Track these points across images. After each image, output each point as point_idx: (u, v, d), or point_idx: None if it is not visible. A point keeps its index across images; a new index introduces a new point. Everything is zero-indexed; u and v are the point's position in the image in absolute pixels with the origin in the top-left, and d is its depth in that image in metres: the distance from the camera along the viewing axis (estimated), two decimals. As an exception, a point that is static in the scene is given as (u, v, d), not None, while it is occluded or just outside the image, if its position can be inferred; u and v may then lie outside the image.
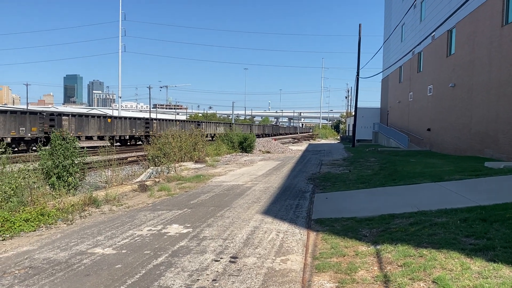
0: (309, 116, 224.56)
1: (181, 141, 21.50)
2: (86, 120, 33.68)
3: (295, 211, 8.91)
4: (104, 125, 35.53)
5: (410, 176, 13.01)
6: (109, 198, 10.20)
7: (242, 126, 66.84)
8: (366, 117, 50.94)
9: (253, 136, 33.78)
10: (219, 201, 10.20)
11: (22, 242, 6.68)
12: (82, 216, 8.61)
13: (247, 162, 22.44)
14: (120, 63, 64.91)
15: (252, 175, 15.67)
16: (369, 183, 12.39)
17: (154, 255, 5.87)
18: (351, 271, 5.06)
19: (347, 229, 7.03)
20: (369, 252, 5.77)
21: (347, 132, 73.85)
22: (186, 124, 49.26)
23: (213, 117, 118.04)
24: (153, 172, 16.48)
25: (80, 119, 33.01)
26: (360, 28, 38.28)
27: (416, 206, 8.26)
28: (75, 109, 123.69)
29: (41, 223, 7.73)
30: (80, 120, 32.97)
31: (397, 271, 4.89)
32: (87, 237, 6.87)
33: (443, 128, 26.35)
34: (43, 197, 8.83)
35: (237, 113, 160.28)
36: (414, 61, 33.73)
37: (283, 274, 5.08)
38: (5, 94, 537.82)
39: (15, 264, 5.58)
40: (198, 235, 6.91)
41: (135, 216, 8.50)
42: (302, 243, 6.42)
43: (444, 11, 24.16)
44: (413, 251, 5.46)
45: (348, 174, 15.06)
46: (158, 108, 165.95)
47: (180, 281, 4.85)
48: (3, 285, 4.81)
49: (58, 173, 10.90)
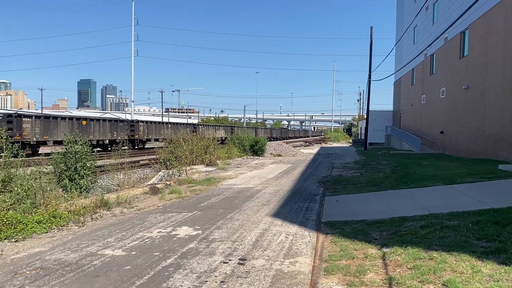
0: (321, 120, 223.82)
1: (192, 144, 21.60)
2: (54, 123, 29.77)
3: (305, 213, 8.88)
4: (77, 128, 31.04)
5: (422, 179, 12.88)
6: (120, 201, 10.28)
7: (247, 129, 62.54)
8: (378, 120, 50.58)
9: (264, 140, 33.79)
10: (229, 203, 10.22)
11: (34, 244, 6.76)
12: (94, 218, 8.69)
13: (258, 165, 22.44)
14: (132, 67, 65.54)
15: (263, 178, 15.66)
16: (381, 186, 12.29)
17: (163, 256, 5.90)
18: (360, 274, 5.03)
19: (357, 232, 6.98)
20: (378, 254, 5.72)
21: (359, 135, 73.44)
22: (180, 127, 46.01)
23: (225, 121, 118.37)
24: (165, 175, 16.58)
25: (46, 122, 29.09)
26: (371, 31, 38.12)
27: (428, 209, 8.18)
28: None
29: (53, 225, 7.82)
30: (46, 123, 28.99)
31: (406, 274, 4.84)
32: (97, 239, 6.93)
33: (456, 130, 26.05)
34: (55, 199, 8.94)
35: (248, 117, 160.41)
36: (427, 63, 33.44)
37: (291, 276, 5.06)
38: (21, 98, 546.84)
39: (26, 265, 5.65)
40: (208, 237, 6.93)
41: (146, 218, 8.55)
42: (311, 245, 6.40)
43: (457, 13, 23.93)
44: (423, 254, 5.40)
45: (359, 177, 14.96)
46: (170, 112, 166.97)
47: (188, 283, 4.86)
48: (15, 286, 4.87)
49: (70, 176, 11.04)
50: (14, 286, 4.86)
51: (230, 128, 59.12)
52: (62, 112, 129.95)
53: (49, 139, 29.14)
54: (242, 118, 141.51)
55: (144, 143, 41.51)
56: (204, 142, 23.03)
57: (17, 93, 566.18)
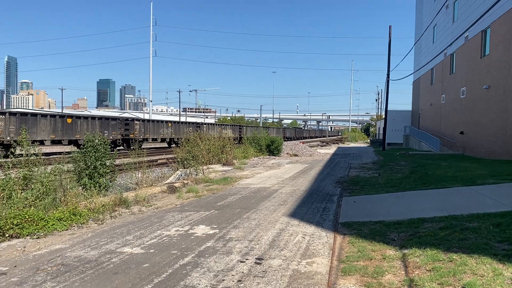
0: (338, 119, 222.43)
1: (209, 143, 21.72)
2: (33, 120, 26.45)
3: (322, 214, 8.85)
4: (61, 127, 28.32)
5: (442, 180, 12.70)
6: (139, 199, 10.41)
7: (257, 128, 57.78)
8: (396, 120, 49.97)
9: (280, 139, 33.76)
10: (246, 203, 10.24)
11: (55, 240, 6.90)
12: (112, 216, 8.81)
13: (274, 165, 22.43)
14: (151, 67, 66.18)
15: (279, 178, 15.65)
16: (399, 187, 12.16)
17: (181, 255, 5.95)
18: (378, 275, 4.98)
19: (375, 233, 6.92)
20: (397, 256, 5.67)
21: (377, 136, 72.74)
22: (182, 126, 43.42)
23: (241, 120, 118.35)
24: (182, 174, 16.71)
25: (23, 119, 25.74)
26: (390, 30, 37.70)
27: (447, 210, 8.06)
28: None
29: (73, 223, 7.96)
30: (23, 120, 25.64)
31: (425, 276, 4.78)
32: (116, 237, 7.03)
33: (477, 131, 25.57)
34: (75, 197, 9.09)
35: (265, 116, 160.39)
36: (446, 62, 32.92)
37: (308, 276, 5.05)
38: (42, 98, 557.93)
39: (48, 261, 5.77)
40: (224, 236, 6.96)
41: (164, 217, 8.64)
42: (329, 246, 6.37)
43: (478, 11, 23.49)
44: (442, 256, 5.33)
45: (377, 178, 14.82)
46: (188, 112, 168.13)
47: (205, 281, 4.89)
48: (37, 281, 4.98)
49: (90, 174, 11.21)
50: (37, 282, 4.97)
51: (238, 127, 54.80)
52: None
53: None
54: (259, 118, 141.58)
55: (141, 143, 36.95)
56: (221, 142, 23.13)
57: (38, 92, 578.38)
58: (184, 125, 44.72)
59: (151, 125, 38.91)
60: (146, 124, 38.11)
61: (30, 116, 26.54)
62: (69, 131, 28.93)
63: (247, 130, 54.71)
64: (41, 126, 27.07)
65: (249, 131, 54.46)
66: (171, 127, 41.69)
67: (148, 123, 38.75)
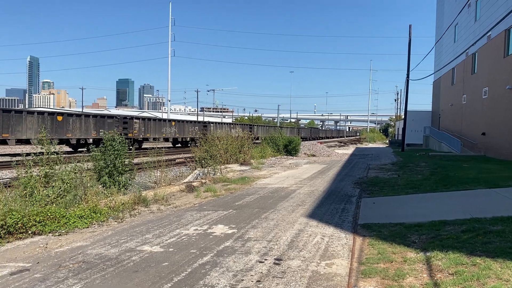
0: (356, 119, 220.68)
1: (227, 143, 21.77)
2: (18, 118, 24.89)
3: (340, 215, 8.77)
4: (50, 125, 26.63)
5: (463, 181, 12.46)
6: (158, 198, 10.49)
7: (269, 128, 56.22)
8: (416, 121, 49.28)
9: (298, 139, 33.63)
10: (264, 203, 10.23)
11: (76, 238, 7.00)
12: (132, 214, 8.90)
13: (292, 165, 22.36)
14: (169, 67, 66.81)
15: (297, 178, 15.59)
16: (419, 188, 11.98)
17: (200, 254, 5.97)
18: (399, 278, 4.91)
19: (395, 235, 6.83)
20: (418, 258, 5.57)
21: (396, 136, 71.86)
22: (187, 125, 41.75)
23: (258, 120, 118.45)
24: (200, 174, 16.79)
25: (6, 116, 24.19)
26: (410, 29, 37.24)
27: (469, 213, 7.90)
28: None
29: (93, 220, 8.07)
30: (6, 118, 24.12)
31: (448, 280, 4.69)
32: (136, 235, 7.10)
33: (499, 132, 25.02)
34: (95, 195, 9.21)
35: (282, 116, 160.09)
36: (468, 62, 32.31)
37: (328, 278, 5.01)
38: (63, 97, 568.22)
39: (69, 258, 5.85)
40: (243, 236, 6.96)
41: (182, 216, 8.69)
42: (348, 247, 6.31)
43: (502, 10, 22.99)
44: (465, 259, 5.22)
45: (396, 179, 14.64)
46: (205, 111, 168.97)
47: (224, 281, 4.90)
48: (59, 278, 5.06)
49: (109, 172, 11.34)
50: (59, 279, 5.04)
51: (248, 126, 51.83)
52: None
53: (10, 137, 24.63)
54: (276, 118, 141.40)
55: (141, 142, 35.66)
56: (238, 142, 23.16)
57: (60, 92, 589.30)
58: (189, 124, 42.85)
59: (152, 124, 36.85)
60: (146, 123, 36.12)
61: (14, 113, 25.05)
62: (59, 130, 27.43)
63: (259, 130, 52.59)
64: (27, 124, 25.55)
65: (260, 130, 52.72)
66: (174, 126, 39.66)
67: (149, 121, 36.77)
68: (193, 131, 42.39)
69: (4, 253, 6.17)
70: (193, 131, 42.39)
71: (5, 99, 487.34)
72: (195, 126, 43.44)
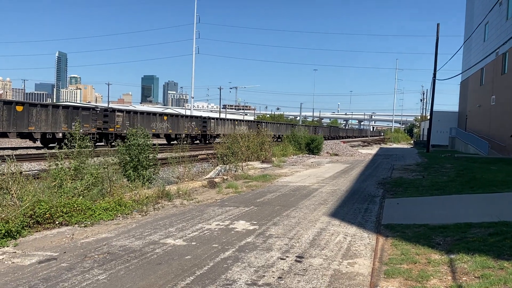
0: (381, 119, 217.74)
1: (248, 140, 21.84)
2: None
3: (363, 215, 8.69)
4: (7, 116, 23.45)
5: (491, 184, 12.16)
6: (181, 193, 10.61)
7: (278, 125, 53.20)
8: (442, 121, 48.32)
9: (321, 138, 33.43)
10: (285, 201, 10.22)
11: (101, 230, 7.15)
12: (156, 208, 9.03)
13: (314, 164, 22.25)
14: (193, 64, 67.33)
15: (319, 177, 15.51)
16: (444, 190, 11.75)
17: (221, 249, 6.02)
18: (423, 279, 4.83)
19: (419, 236, 6.72)
20: (442, 260, 5.48)
21: (421, 137, 70.64)
22: (181, 120, 38.32)
23: (280, 118, 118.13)
24: (222, 170, 16.89)
25: None
26: (438, 28, 36.46)
27: (497, 216, 7.70)
28: None
29: (118, 213, 8.22)
30: None
31: (473, 283, 4.59)
32: (159, 228, 7.20)
33: (530, 134, 24.29)
34: (120, 188, 9.38)
35: (304, 115, 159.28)
36: (498, 62, 31.45)
37: (349, 277, 4.97)
38: (89, 92, 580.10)
39: (95, 249, 5.98)
40: (264, 233, 6.98)
41: (204, 211, 8.76)
42: (371, 247, 6.25)
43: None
44: (492, 263, 5.11)
45: (421, 180, 14.39)
46: (227, 109, 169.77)
47: (246, 276, 4.92)
48: (85, 268, 5.18)
49: (134, 166, 11.52)
50: (84, 268, 5.16)
51: (255, 123, 47.75)
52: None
53: None
54: (298, 116, 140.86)
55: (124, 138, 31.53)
56: (259, 139, 23.19)
57: (86, 87, 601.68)
58: (184, 119, 38.84)
59: (139, 117, 33.02)
60: (132, 116, 32.43)
61: None
62: (18, 122, 24.09)
63: (267, 127, 47.64)
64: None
65: (270, 128, 48.82)
66: (166, 121, 36.00)
67: (135, 115, 32.88)
68: (190, 127, 38.92)
69: (33, 242, 6.35)
70: (190, 127, 38.92)
71: (35, 93, 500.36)
72: (192, 121, 39.43)
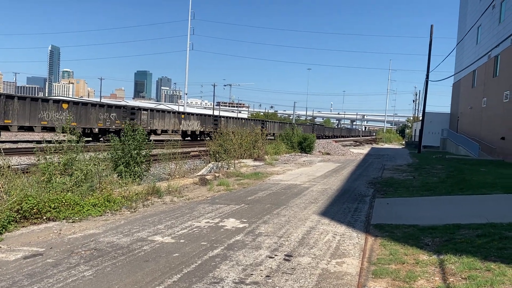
0: (373, 119, 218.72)
1: (241, 138, 21.79)
2: None
3: (353, 214, 8.70)
4: (72, 114, 22.77)
5: (480, 186, 12.24)
6: (171, 190, 10.55)
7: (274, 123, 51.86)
8: (434, 123, 48.57)
9: (313, 137, 33.45)
10: (276, 199, 10.20)
11: (89, 225, 7.08)
12: (145, 205, 8.97)
13: (305, 162, 22.27)
14: (187, 61, 66.96)
15: (310, 176, 15.52)
16: (434, 191, 11.81)
17: (210, 246, 5.98)
18: (410, 280, 4.84)
19: (408, 237, 6.74)
20: (430, 261, 5.49)
21: (413, 137, 71.01)
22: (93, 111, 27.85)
23: (274, 117, 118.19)
24: (214, 167, 16.84)
25: None
26: (431, 30, 36.65)
27: (485, 218, 7.75)
28: None
29: (107, 209, 8.15)
30: None
31: (460, 284, 4.61)
32: (148, 225, 7.15)
33: (520, 137, 24.51)
34: (110, 184, 9.29)
35: (298, 113, 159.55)
36: (490, 65, 31.68)
37: (337, 276, 4.97)
38: (82, 87, 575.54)
39: (82, 245, 5.92)
40: (254, 231, 6.95)
41: (195, 208, 8.72)
42: (359, 247, 6.25)
43: (527, 12, 22.44)
44: (479, 264, 5.13)
45: (412, 181, 14.46)
46: (221, 106, 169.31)
47: (234, 274, 4.90)
48: (71, 264, 5.12)
49: (126, 162, 11.42)
50: (70, 265, 5.11)
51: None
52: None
53: None
54: (292, 115, 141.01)
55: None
56: (252, 137, 23.15)
57: (79, 81, 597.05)
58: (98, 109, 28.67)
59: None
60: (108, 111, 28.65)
61: None
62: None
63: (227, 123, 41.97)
64: None
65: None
66: (67, 111, 25.95)
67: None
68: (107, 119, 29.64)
69: (19, 237, 6.27)
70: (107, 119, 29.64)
71: (26, 87, 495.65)
72: (111, 112, 29.93)
